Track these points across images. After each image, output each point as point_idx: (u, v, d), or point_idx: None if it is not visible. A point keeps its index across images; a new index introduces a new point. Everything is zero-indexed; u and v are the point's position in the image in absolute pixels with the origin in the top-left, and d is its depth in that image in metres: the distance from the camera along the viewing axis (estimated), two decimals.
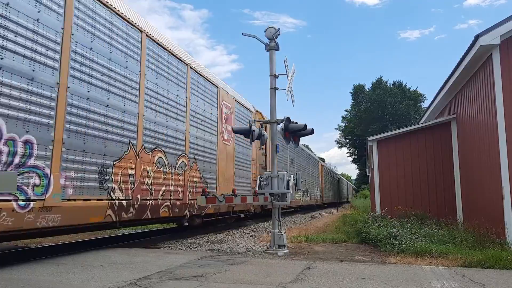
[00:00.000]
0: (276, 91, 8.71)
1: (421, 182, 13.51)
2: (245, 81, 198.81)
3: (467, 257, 7.03)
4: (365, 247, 9.21)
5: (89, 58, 6.93)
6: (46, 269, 5.30)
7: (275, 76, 8.72)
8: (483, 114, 9.84)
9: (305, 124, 8.42)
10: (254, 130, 8.69)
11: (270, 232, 8.67)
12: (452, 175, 13.04)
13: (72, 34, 6.51)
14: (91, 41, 6.97)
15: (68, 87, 6.38)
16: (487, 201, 9.66)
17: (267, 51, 8.78)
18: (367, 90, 66.97)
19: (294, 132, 8.58)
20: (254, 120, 9.72)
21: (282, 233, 8.25)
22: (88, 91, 6.85)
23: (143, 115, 8.34)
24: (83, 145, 6.65)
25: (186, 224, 11.46)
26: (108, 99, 7.32)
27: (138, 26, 8.37)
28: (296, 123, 8.54)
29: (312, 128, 8.58)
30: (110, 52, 7.46)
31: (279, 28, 8.66)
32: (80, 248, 7.92)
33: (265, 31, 8.74)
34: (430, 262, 6.89)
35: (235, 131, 9.79)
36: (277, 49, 8.75)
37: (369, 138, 14.68)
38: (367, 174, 27.29)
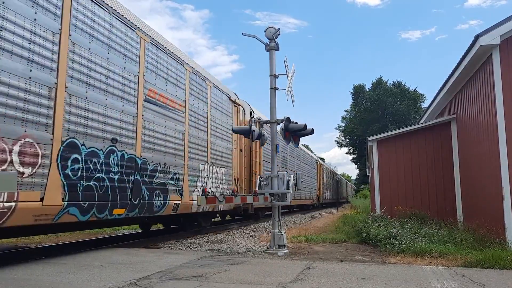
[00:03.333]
0: (276, 91, 8.71)
1: (421, 182, 13.50)
2: (245, 81, 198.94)
3: (467, 257, 7.03)
4: (365, 247, 9.21)
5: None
6: (46, 269, 5.30)
7: (275, 76, 8.71)
8: (483, 114, 9.84)
9: (305, 124, 8.42)
10: (254, 130, 8.69)
11: (270, 232, 8.68)
12: (452, 175, 13.04)
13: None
14: None
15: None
16: (487, 201, 9.66)
17: (267, 51, 8.77)
18: (367, 90, 66.93)
19: (294, 132, 8.58)
20: (254, 120, 9.72)
21: (282, 233, 8.25)
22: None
23: None
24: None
25: None
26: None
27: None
28: (296, 123, 8.54)
29: (312, 128, 8.58)
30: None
31: (279, 28, 8.66)
32: (80, 248, 7.92)
33: (265, 31, 8.73)
34: (430, 262, 6.89)
35: (235, 131, 9.79)
36: (277, 49, 8.75)
37: (369, 138, 14.68)
38: (367, 174, 27.30)
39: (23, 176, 5.41)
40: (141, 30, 8.33)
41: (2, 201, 5.06)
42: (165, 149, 8.95)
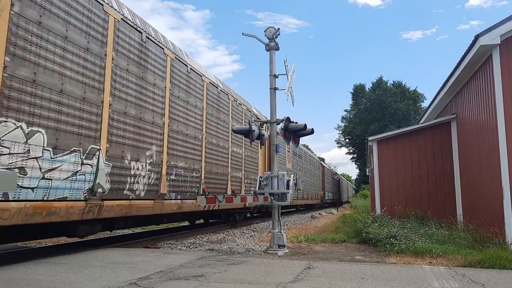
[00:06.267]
0: (276, 91, 8.71)
1: (421, 182, 13.50)
2: (246, 81, 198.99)
3: (467, 257, 7.03)
4: (365, 247, 9.21)
5: None
6: (46, 269, 5.30)
7: (275, 76, 8.72)
8: (483, 114, 9.83)
9: (305, 124, 8.42)
10: (254, 130, 8.69)
11: (270, 232, 8.68)
12: (452, 175, 13.04)
13: None
14: None
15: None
16: (487, 201, 9.65)
17: (267, 51, 8.77)
18: (367, 90, 66.91)
19: (294, 132, 8.58)
20: (254, 120, 9.72)
21: (282, 233, 8.25)
22: None
23: None
24: None
25: None
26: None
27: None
28: (296, 123, 8.54)
29: (312, 128, 8.58)
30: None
31: (278, 28, 8.66)
32: (80, 248, 7.91)
33: (265, 31, 8.74)
34: (430, 262, 6.89)
35: (235, 131, 9.79)
36: (277, 49, 8.75)
37: (369, 138, 14.68)
38: (367, 174, 27.33)
39: None
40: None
41: None
42: None
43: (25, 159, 5.56)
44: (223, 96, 12.80)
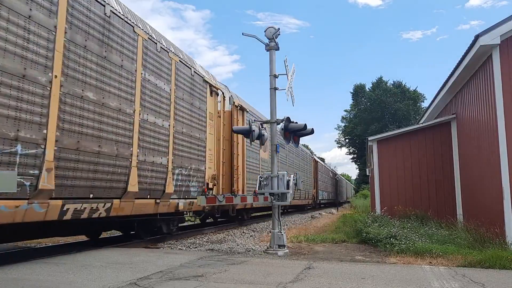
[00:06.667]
0: (276, 91, 8.71)
1: (421, 182, 13.50)
2: (246, 81, 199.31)
3: (467, 257, 7.03)
4: (365, 247, 9.21)
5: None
6: (46, 269, 5.30)
7: (275, 76, 8.72)
8: (483, 114, 9.83)
9: (305, 124, 8.42)
10: (254, 130, 8.69)
11: (270, 232, 8.68)
12: (452, 175, 13.04)
13: None
14: None
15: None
16: (487, 201, 9.65)
17: (267, 51, 8.78)
18: (368, 90, 66.92)
19: (294, 132, 8.59)
20: (254, 120, 9.72)
21: (282, 233, 8.24)
22: None
23: None
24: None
25: None
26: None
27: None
28: (296, 123, 8.54)
29: (312, 128, 8.59)
30: None
31: (279, 28, 8.66)
32: (80, 248, 7.91)
33: (265, 31, 8.74)
34: (430, 262, 6.89)
35: (235, 131, 9.79)
36: (277, 49, 8.75)
37: (369, 138, 14.68)
38: (367, 174, 27.35)
39: None
40: None
41: None
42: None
43: None
44: (121, 25, 7.63)
